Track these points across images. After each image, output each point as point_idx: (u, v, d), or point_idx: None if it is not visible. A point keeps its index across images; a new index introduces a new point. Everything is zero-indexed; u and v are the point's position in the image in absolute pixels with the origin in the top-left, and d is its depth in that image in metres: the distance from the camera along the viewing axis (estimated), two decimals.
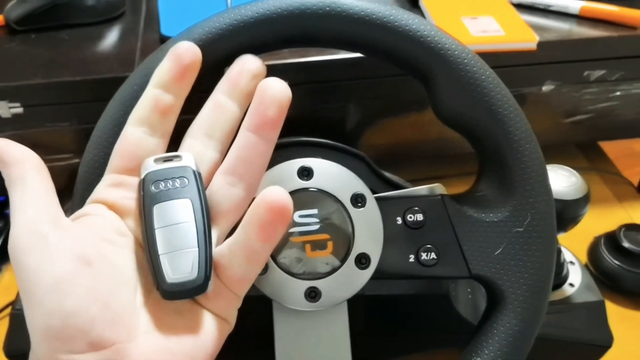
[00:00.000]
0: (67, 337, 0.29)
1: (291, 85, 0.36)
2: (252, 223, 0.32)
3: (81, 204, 0.37)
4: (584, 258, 0.70)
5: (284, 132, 0.45)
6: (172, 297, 0.32)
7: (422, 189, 0.43)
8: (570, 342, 0.54)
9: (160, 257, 0.32)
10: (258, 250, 0.33)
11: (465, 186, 0.44)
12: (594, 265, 0.68)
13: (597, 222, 0.74)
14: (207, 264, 0.33)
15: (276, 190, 0.32)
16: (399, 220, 0.41)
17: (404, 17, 0.39)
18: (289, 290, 0.40)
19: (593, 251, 0.69)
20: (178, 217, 0.33)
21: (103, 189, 0.36)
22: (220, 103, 0.38)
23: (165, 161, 0.36)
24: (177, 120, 0.38)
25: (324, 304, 0.40)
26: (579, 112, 0.75)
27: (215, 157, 0.37)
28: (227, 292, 0.34)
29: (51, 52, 0.66)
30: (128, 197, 0.36)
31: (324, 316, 0.42)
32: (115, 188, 0.36)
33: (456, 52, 0.39)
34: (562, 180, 0.53)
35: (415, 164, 0.79)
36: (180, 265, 0.32)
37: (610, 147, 1.00)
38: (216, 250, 0.34)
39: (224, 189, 0.36)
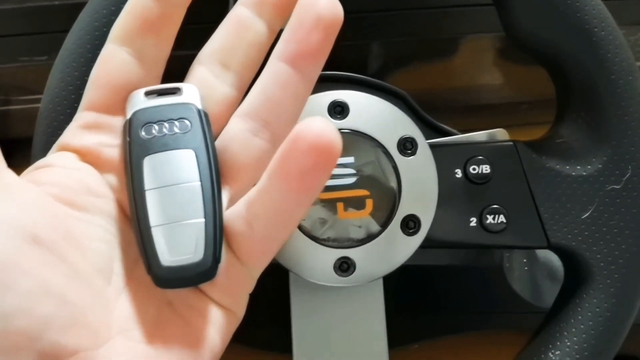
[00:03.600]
0: (8, 346, 0.21)
1: None
2: (284, 169, 0.23)
3: (43, 152, 0.28)
4: None
5: None
6: (168, 285, 0.24)
7: (480, 135, 0.35)
8: None
9: (153, 230, 0.24)
10: (291, 207, 0.24)
11: None
12: None
13: None
14: (217, 240, 0.25)
15: (319, 123, 0.22)
16: (459, 173, 0.32)
17: None
18: (314, 261, 0.31)
19: None
20: (178, 174, 0.25)
21: (74, 132, 0.27)
22: (242, 20, 0.28)
23: (160, 95, 0.27)
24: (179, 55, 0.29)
25: (359, 279, 0.31)
26: None
27: (231, 94, 0.28)
28: (240, 272, 0.26)
29: None
30: (108, 145, 0.27)
31: (356, 293, 0.34)
32: (90, 131, 0.27)
33: None
34: None
35: (442, 116, 0.70)
36: (180, 243, 0.24)
37: None
38: (229, 213, 0.26)
39: (242, 138, 0.27)
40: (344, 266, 0.31)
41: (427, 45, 0.63)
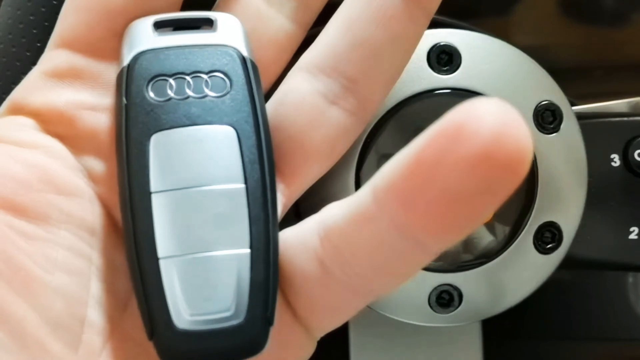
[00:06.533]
0: None
1: None
2: (416, 187, 0.13)
3: None
4: None
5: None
6: (182, 358, 0.16)
7: (619, 105, 0.25)
8: None
9: (162, 264, 0.15)
10: (409, 252, 0.14)
11: None
12: None
13: None
14: (270, 287, 0.16)
15: (500, 110, 0.12)
16: (616, 160, 0.22)
17: None
18: (399, 289, 0.21)
19: None
20: (207, 169, 0.16)
21: (36, 83, 0.18)
22: None
23: (179, 30, 0.18)
24: None
25: (464, 317, 0.21)
26: None
27: (292, 31, 0.19)
28: (297, 335, 0.17)
29: None
30: (91, 106, 0.18)
31: (446, 333, 0.24)
32: (62, 82, 0.18)
33: None
34: None
35: None
36: (207, 289, 0.15)
37: None
38: (289, 239, 0.17)
39: (310, 106, 0.18)
40: (444, 298, 0.21)
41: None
